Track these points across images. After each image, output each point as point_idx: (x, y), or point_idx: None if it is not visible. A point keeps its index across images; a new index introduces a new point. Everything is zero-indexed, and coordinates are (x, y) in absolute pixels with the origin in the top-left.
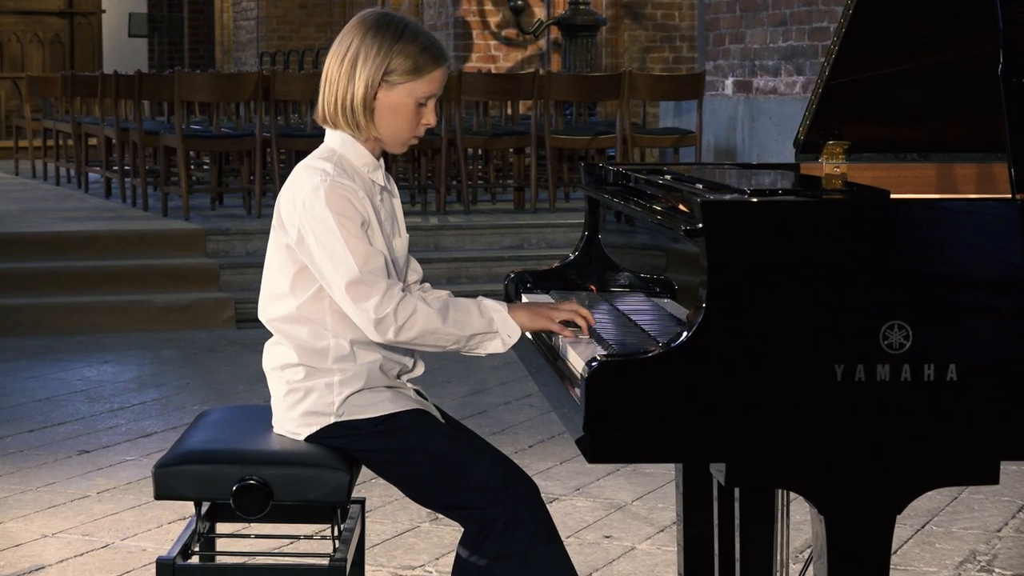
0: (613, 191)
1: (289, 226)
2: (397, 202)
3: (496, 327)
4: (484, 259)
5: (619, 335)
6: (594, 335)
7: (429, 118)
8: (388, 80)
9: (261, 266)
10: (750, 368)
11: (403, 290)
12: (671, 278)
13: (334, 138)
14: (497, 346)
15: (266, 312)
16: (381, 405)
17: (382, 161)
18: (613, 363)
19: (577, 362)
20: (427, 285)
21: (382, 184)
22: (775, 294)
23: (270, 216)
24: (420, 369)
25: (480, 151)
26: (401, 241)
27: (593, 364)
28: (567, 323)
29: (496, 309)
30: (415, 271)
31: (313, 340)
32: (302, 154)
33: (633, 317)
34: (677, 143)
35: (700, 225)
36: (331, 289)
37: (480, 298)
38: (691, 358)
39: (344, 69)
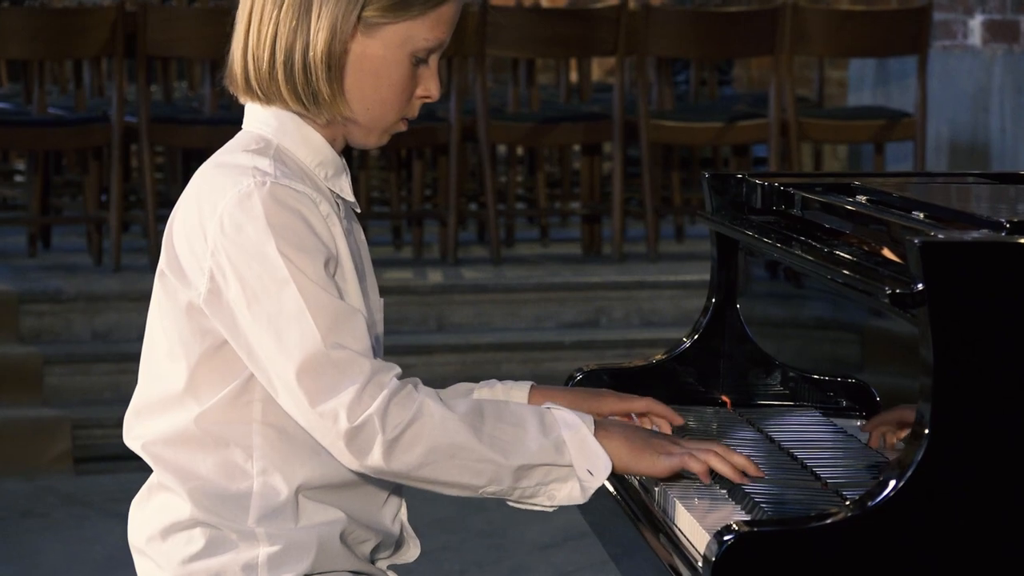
0: (763, 225)
1: (191, 269)
2: (362, 237)
3: (570, 457)
4: (526, 346)
5: (772, 484)
6: (725, 484)
7: (429, 85)
8: (366, 19)
9: (115, 360)
10: (1017, 541)
11: (401, 376)
12: (868, 382)
13: (264, 119)
14: (572, 493)
15: (139, 430)
16: None
17: (344, 161)
18: (764, 537)
19: (696, 532)
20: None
21: (351, 200)
22: None
23: (136, 268)
24: (413, 551)
25: (521, 150)
26: (371, 305)
27: (727, 539)
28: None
29: (571, 424)
30: None
31: (224, 479)
32: (198, 154)
33: (798, 452)
34: (881, 135)
35: (920, 286)
36: (270, 380)
37: (547, 404)
38: (906, 526)
39: (288, 2)
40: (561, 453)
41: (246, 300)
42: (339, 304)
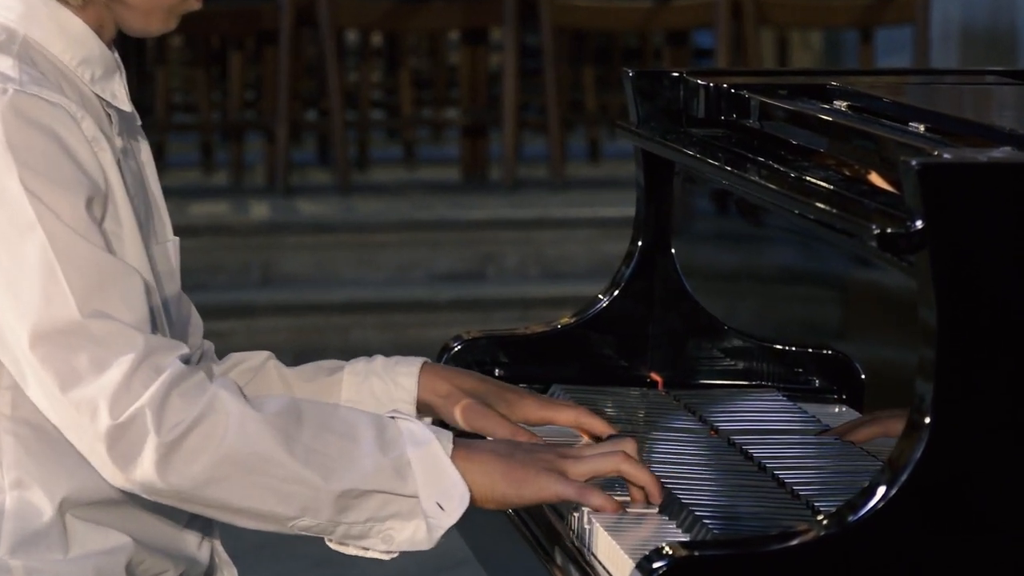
0: (707, 141)
1: None
2: (149, 158)
3: (415, 485)
4: (385, 306)
5: (720, 492)
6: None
7: None
8: None
9: None
10: None
11: (187, 359)
12: (849, 354)
13: (5, 2)
14: (416, 534)
15: None
16: None
17: (117, 56)
18: (707, 562)
19: (616, 557)
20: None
21: (128, 110)
22: None
23: None
24: None
25: (377, 38)
26: (166, 250)
27: (658, 566)
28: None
29: (420, 440)
30: (194, 327)
31: None
32: None
33: (754, 450)
34: (868, 18)
35: (919, 224)
36: (16, 360)
37: (392, 411)
38: (898, 548)
39: None
40: (404, 479)
41: None
42: (104, 258)
